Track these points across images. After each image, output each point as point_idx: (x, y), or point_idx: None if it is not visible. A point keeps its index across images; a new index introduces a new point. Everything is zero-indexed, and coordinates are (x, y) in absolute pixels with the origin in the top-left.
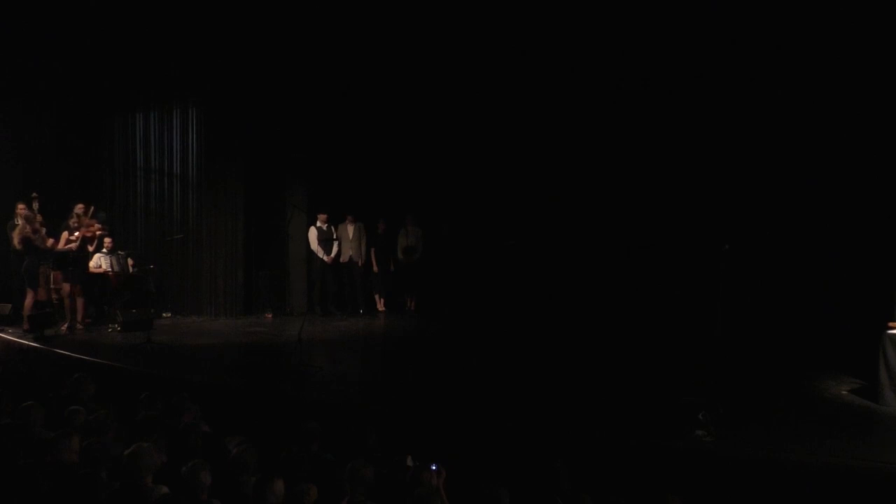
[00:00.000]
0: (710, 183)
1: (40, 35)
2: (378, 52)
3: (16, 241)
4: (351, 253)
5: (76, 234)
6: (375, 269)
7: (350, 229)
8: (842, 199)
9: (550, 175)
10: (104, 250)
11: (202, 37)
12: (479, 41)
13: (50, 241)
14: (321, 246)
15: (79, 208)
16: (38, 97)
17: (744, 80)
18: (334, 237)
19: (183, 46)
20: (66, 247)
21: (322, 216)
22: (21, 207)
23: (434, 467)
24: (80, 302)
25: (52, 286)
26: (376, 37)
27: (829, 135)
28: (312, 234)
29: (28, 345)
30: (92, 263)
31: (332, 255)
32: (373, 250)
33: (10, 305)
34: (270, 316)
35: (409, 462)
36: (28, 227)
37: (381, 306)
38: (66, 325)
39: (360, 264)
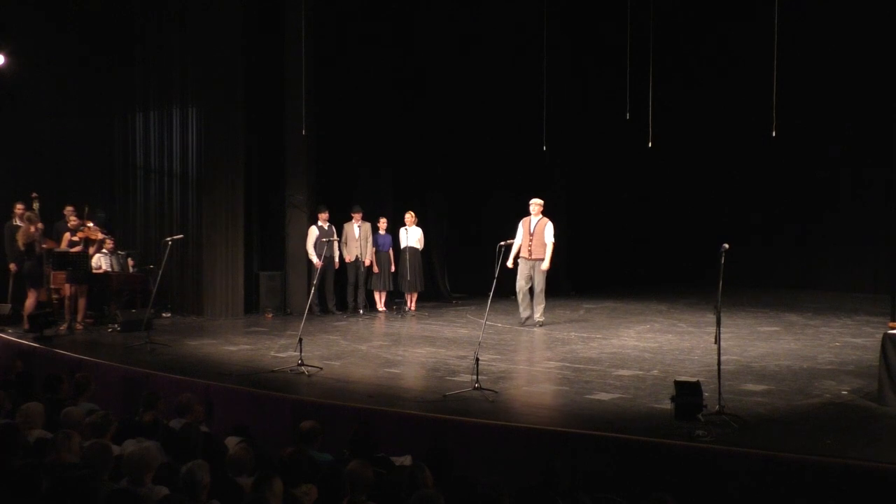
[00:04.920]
0: (710, 182)
1: (40, 35)
2: (377, 51)
3: (20, 242)
4: (357, 252)
5: (78, 235)
6: (376, 268)
7: (356, 229)
8: (842, 200)
9: (550, 174)
10: (104, 251)
11: (201, 36)
12: (476, 40)
13: (43, 246)
14: (315, 248)
15: (68, 210)
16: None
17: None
18: (333, 237)
19: (182, 46)
20: (74, 249)
21: (322, 215)
22: (19, 208)
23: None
24: (81, 302)
25: (51, 286)
26: (376, 35)
27: (830, 135)
28: (312, 233)
29: (28, 345)
30: (92, 263)
31: (335, 256)
32: (374, 249)
33: (9, 305)
34: (270, 316)
35: (409, 462)
36: (31, 227)
37: (381, 306)
38: (65, 325)
39: (366, 264)
